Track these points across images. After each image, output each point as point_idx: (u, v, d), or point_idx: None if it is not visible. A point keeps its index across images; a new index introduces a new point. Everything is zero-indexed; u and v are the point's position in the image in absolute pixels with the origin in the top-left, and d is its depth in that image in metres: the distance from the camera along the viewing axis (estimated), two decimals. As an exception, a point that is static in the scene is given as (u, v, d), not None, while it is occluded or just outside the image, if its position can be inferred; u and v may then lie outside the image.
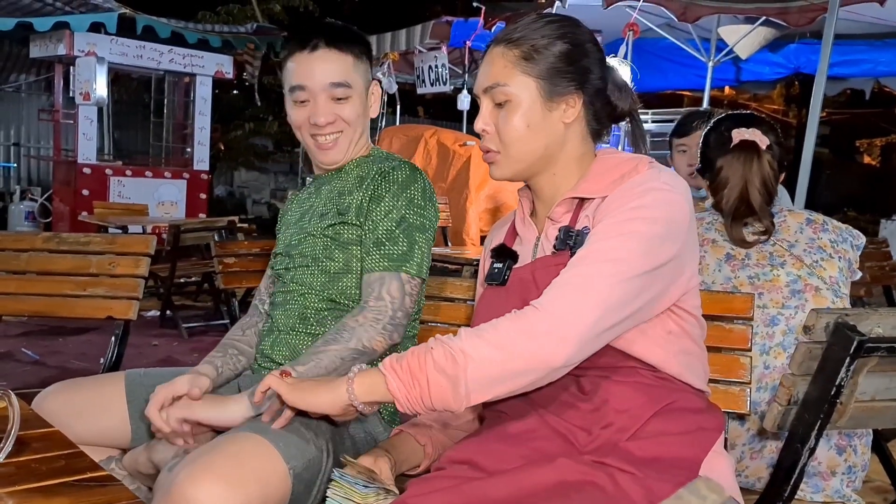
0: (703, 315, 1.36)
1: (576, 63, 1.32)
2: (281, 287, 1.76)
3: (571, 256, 1.26)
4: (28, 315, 2.09)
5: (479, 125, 1.37)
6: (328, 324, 1.66)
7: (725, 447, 1.36)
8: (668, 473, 1.16)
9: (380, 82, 1.83)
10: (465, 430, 1.49)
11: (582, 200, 1.34)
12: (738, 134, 1.90)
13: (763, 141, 1.88)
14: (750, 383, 1.62)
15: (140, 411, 1.60)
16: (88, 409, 1.63)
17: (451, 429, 1.49)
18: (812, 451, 1.29)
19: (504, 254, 1.44)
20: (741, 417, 1.77)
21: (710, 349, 1.43)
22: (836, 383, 1.24)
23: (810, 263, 1.84)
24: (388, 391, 1.19)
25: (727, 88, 9.07)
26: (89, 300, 2.10)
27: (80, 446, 1.59)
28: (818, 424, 1.27)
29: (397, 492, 1.25)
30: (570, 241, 1.31)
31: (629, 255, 1.19)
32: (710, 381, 1.49)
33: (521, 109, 1.31)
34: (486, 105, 1.36)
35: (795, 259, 1.85)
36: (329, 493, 1.24)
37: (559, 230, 1.34)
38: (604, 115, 1.38)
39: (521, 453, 1.22)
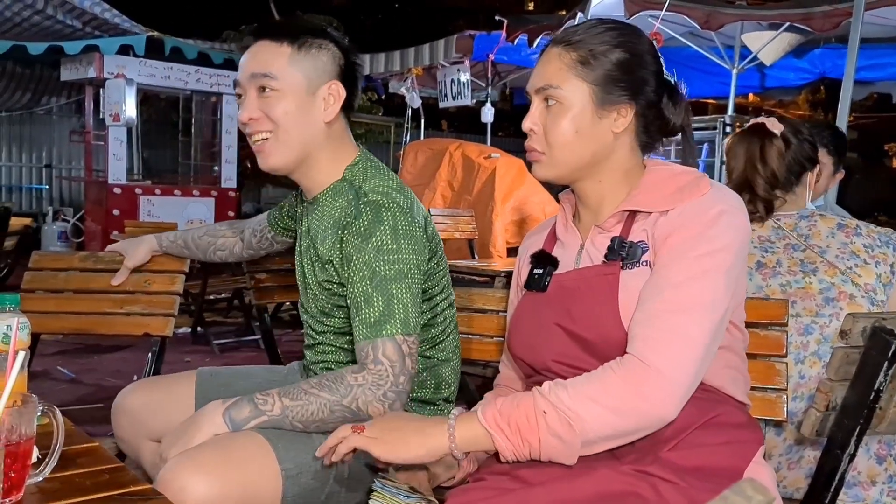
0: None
1: (632, 73, 1.31)
2: (303, 310, 1.72)
3: (623, 268, 1.27)
4: (67, 333, 2.12)
5: (526, 124, 1.35)
6: None
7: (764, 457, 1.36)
8: (710, 482, 1.15)
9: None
10: None
11: (635, 212, 1.32)
12: (753, 120, 1.97)
13: (776, 127, 1.90)
14: (786, 390, 1.60)
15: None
16: (161, 406, 1.71)
17: None
18: (852, 457, 1.28)
19: (544, 260, 1.41)
20: (778, 425, 1.76)
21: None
22: (875, 388, 1.23)
23: (844, 270, 1.80)
24: (494, 446, 1.20)
25: (751, 95, 8.99)
26: (126, 317, 2.13)
27: (154, 444, 1.71)
28: (857, 430, 1.26)
29: (437, 503, 1.26)
30: (622, 251, 1.28)
31: (716, 296, 1.20)
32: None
33: (571, 113, 1.30)
34: (536, 105, 1.34)
35: (828, 265, 1.82)
36: (371, 503, 1.25)
37: (611, 240, 1.31)
38: (655, 128, 1.37)
39: (564, 466, 1.21)
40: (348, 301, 1.49)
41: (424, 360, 1.62)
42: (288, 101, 1.49)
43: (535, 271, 1.40)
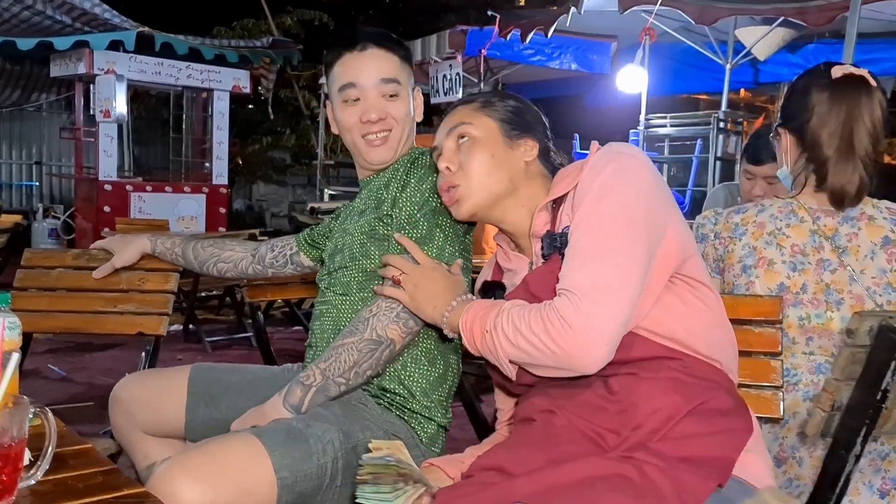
0: (729, 320, 1.37)
1: (526, 116, 1.48)
2: (321, 298, 1.76)
3: (562, 259, 1.28)
4: (59, 332, 2.09)
5: (442, 164, 1.47)
6: None
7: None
8: (699, 473, 1.15)
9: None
10: None
11: (556, 205, 1.37)
12: (841, 69, 1.66)
13: (871, 80, 1.65)
14: (782, 387, 1.58)
15: (199, 403, 1.73)
16: (153, 399, 1.74)
17: None
18: (857, 458, 1.26)
19: (491, 286, 1.49)
20: (774, 423, 1.73)
21: (738, 353, 1.40)
22: (882, 388, 1.22)
23: (872, 308, 1.63)
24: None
25: (743, 91, 8.98)
26: (119, 316, 2.10)
27: (145, 436, 1.76)
28: (863, 430, 1.25)
29: (418, 470, 1.27)
30: (556, 243, 1.32)
31: (622, 243, 1.22)
32: (741, 385, 1.47)
33: (484, 143, 1.43)
34: (447, 147, 1.47)
35: (856, 299, 1.65)
36: (359, 474, 1.22)
37: (541, 239, 1.36)
38: (549, 168, 1.48)
39: (548, 456, 1.21)
40: (392, 223, 1.61)
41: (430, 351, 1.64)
42: (403, 102, 1.70)
43: (485, 299, 1.45)
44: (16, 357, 1.00)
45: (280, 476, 1.34)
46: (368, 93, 1.66)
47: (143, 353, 2.11)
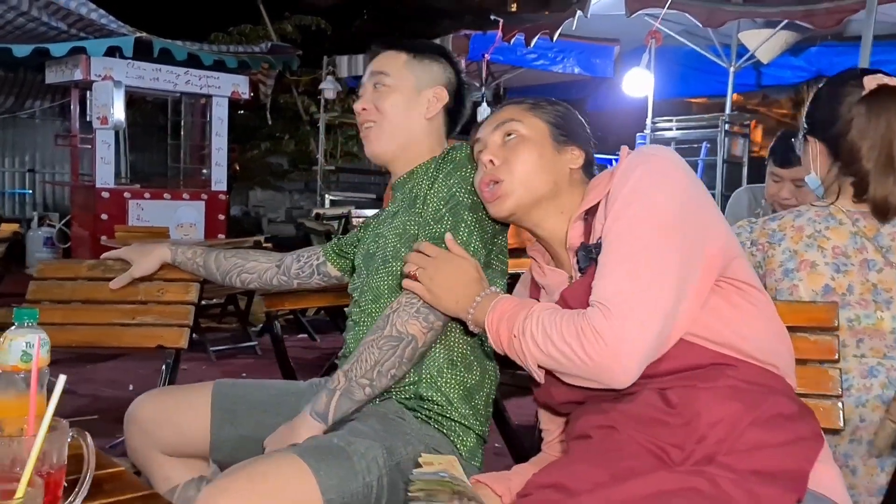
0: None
1: (573, 122, 1.46)
2: (353, 308, 1.70)
3: None
4: (76, 346, 2.02)
5: (486, 156, 1.43)
6: None
7: None
8: (773, 486, 1.10)
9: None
10: None
11: (591, 215, 1.33)
12: (874, 80, 1.63)
13: None
14: (841, 396, 1.52)
15: (223, 421, 1.67)
16: (174, 417, 1.67)
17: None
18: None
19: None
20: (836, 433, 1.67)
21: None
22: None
23: None
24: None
25: (746, 94, 8.99)
26: (138, 329, 2.02)
27: (165, 457, 1.69)
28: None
29: (470, 486, 1.23)
30: (591, 255, 1.28)
31: (655, 254, 1.18)
32: (798, 394, 1.41)
33: (533, 142, 1.40)
34: (494, 140, 1.44)
35: None
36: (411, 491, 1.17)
37: (576, 253, 1.32)
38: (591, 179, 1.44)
39: (610, 472, 1.15)
40: (420, 221, 1.58)
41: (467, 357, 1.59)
42: (396, 96, 1.66)
43: (510, 296, 1.41)
44: (63, 379, 0.93)
45: (327, 498, 1.27)
46: (364, 86, 1.72)
47: (164, 367, 2.03)
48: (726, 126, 6.40)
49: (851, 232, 1.67)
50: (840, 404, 1.51)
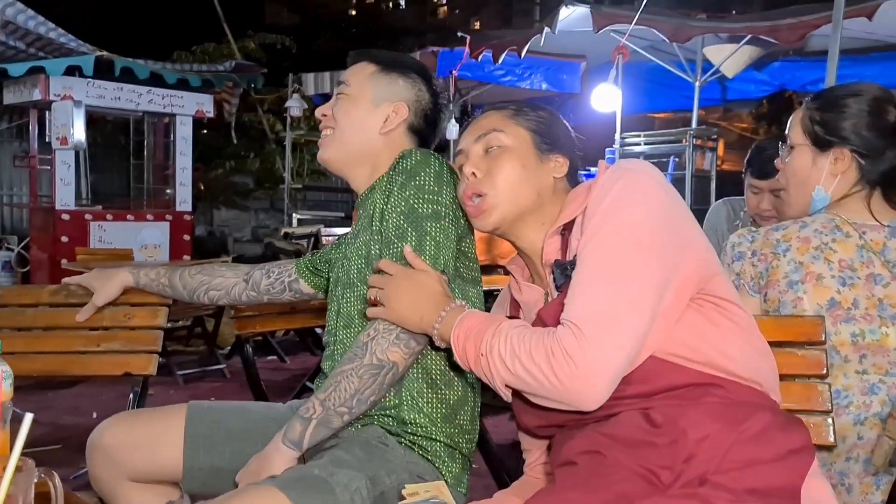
0: (770, 343, 1.31)
1: (557, 128, 1.42)
2: (329, 338, 1.65)
3: None
4: (38, 375, 1.92)
5: (468, 169, 1.39)
6: None
7: None
8: (768, 501, 1.08)
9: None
10: None
11: (566, 230, 1.30)
12: None
13: None
14: (831, 412, 1.48)
15: (197, 448, 1.60)
16: (145, 443, 1.60)
17: None
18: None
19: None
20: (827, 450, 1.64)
21: (780, 378, 1.34)
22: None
23: None
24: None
25: (708, 109, 9.12)
26: (104, 356, 1.93)
27: (132, 484, 1.61)
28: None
29: None
30: (566, 272, 1.25)
31: (630, 271, 1.15)
32: (787, 411, 1.38)
33: (516, 153, 1.36)
34: (475, 152, 1.40)
35: None
36: None
37: (551, 270, 1.29)
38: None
39: (601, 498, 1.11)
40: (381, 239, 1.52)
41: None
42: (349, 106, 1.64)
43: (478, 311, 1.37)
44: (29, 417, 0.86)
45: None
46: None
47: (132, 395, 1.95)
48: (694, 140, 6.46)
49: (858, 245, 1.65)
50: (830, 420, 1.47)
